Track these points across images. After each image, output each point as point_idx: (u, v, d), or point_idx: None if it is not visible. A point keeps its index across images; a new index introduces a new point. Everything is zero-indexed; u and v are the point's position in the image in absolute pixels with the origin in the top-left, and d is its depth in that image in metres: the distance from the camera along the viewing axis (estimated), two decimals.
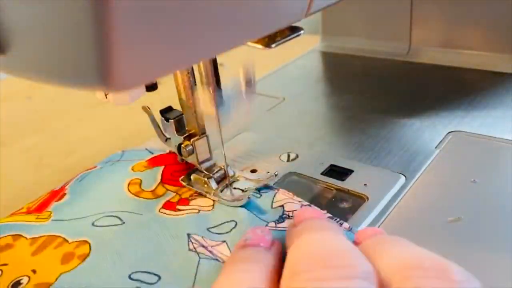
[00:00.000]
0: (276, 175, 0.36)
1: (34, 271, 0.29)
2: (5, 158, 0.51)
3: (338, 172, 0.38)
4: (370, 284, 0.19)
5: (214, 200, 0.34)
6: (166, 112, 0.35)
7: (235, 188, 0.35)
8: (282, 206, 0.32)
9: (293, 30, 0.26)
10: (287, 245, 0.26)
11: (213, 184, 0.35)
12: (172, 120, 0.35)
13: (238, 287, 0.21)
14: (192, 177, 0.36)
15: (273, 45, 0.25)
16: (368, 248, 0.23)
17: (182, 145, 0.35)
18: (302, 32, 0.27)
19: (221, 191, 0.34)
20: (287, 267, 0.21)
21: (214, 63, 0.32)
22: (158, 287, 0.27)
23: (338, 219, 0.30)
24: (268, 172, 0.36)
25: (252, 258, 0.24)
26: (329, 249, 0.21)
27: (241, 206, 0.33)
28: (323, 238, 0.23)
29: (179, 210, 0.34)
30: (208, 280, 0.27)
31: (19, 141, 0.54)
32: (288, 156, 0.41)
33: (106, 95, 0.33)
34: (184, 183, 0.36)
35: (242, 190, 0.34)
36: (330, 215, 0.30)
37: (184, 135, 0.35)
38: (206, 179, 0.35)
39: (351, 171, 0.37)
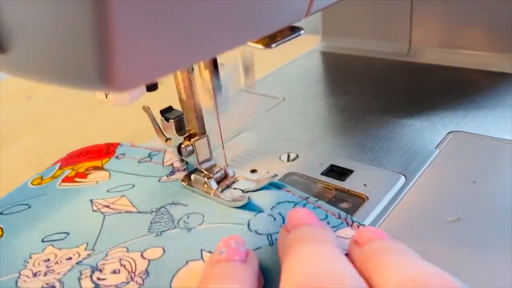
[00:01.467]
0: (276, 175, 0.36)
1: None
2: (5, 158, 0.50)
3: (338, 172, 0.38)
4: None
5: (110, 172, 0.38)
6: (166, 112, 0.35)
7: (235, 189, 0.35)
8: (172, 164, 0.39)
9: (293, 30, 0.26)
10: (279, 251, 0.26)
11: (213, 184, 0.35)
12: (172, 120, 0.35)
13: None
14: (192, 177, 0.36)
15: (273, 45, 0.25)
16: (369, 257, 0.23)
17: (182, 145, 0.35)
18: (302, 32, 0.27)
19: (221, 191, 0.34)
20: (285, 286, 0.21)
21: (214, 63, 0.32)
22: (67, 241, 0.32)
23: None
24: (268, 172, 0.36)
25: (229, 275, 0.23)
26: (324, 273, 0.21)
27: (240, 208, 0.33)
28: (318, 257, 0.22)
29: (77, 181, 0.37)
30: (113, 230, 0.32)
31: (19, 141, 0.54)
32: (288, 156, 0.41)
33: (106, 95, 0.33)
34: (184, 183, 0.36)
35: (242, 191, 0.34)
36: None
37: (184, 135, 0.35)
38: (206, 179, 0.35)
39: (351, 171, 0.37)
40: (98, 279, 0.28)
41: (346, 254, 0.25)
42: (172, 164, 0.39)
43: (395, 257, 0.22)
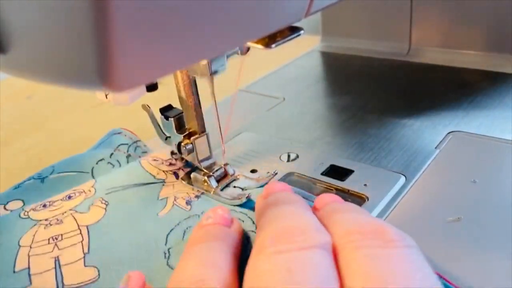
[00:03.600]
0: (276, 173, 0.36)
1: None
2: (5, 158, 0.50)
3: (338, 172, 0.38)
4: (327, 251, 0.21)
5: None
6: (166, 110, 0.35)
7: (235, 187, 0.35)
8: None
9: (293, 30, 0.26)
10: (256, 214, 0.28)
11: (213, 183, 0.35)
12: (172, 119, 0.35)
13: (203, 267, 0.22)
14: (192, 175, 0.36)
15: (273, 45, 0.25)
16: (324, 216, 0.25)
17: (182, 144, 0.35)
18: (302, 32, 0.27)
19: (221, 189, 0.34)
20: (256, 243, 0.23)
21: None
22: None
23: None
24: (268, 172, 0.36)
25: (214, 235, 0.25)
26: (292, 224, 0.23)
27: (239, 205, 0.33)
28: (288, 213, 0.25)
29: None
30: None
31: (19, 141, 0.54)
32: (288, 156, 0.41)
33: (106, 95, 0.33)
34: (184, 182, 0.36)
35: (242, 189, 0.34)
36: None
37: (184, 134, 0.35)
38: (206, 177, 0.35)
39: (351, 171, 0.37)
40: None
41: None
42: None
43: (344, 215, 0.24)
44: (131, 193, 0.34)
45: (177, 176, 0.36)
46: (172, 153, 0.37)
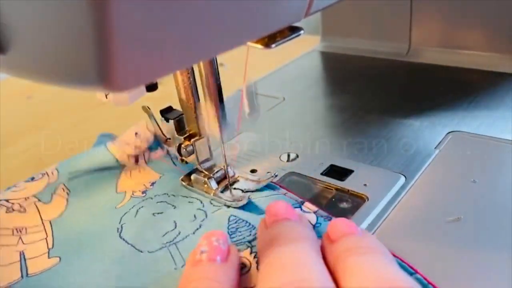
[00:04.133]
0: (276, 175, 0.36)
1: None
2: (5, 158, 0.50)
3: (338, 172, 0.38)
4: None
5: None
6: (166, 112, 0.35)
7: (235, 189, 0.35)
8: None
9: (293, 30, 0.26)
10: (258, 246, 0.27)
11: (213, 184, 0.34)
12: (172, 120, 0.35)
13: None
14: (192, 177, 0.36)
15: (273, 45, 0.25)
16: (336, 257, 0.23)
17: (182, 145, 0.35)
18: (302, 32, 0.27)
19: (222, 191, 0.34)
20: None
21: (214, 63, 0.32)
22: None
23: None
24: (268, 172, 0.36)
25: (210, 278, 0.23)
26: (295, 279, 0.21)
27: (241, 208, 0.33)
28: (291, 260, 0.23)
29: None
30: None
31: (19, 141, 0.54)
32: (288, 156, 0.41)
33: (106, 96, 0.33)
34: (184, 183, 0.36)
35: (242, 191, 0.34)
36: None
37: (184, 135, 0.35)
38: (206, 179, 0.35)
39: (351, 171, 0.37)
40: None
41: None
42: None
43: (361, 259, 0.22)
44: (92, 181, 0.36)
45: (136, 161, 0.37)
46: (136, 134, 0.38)
